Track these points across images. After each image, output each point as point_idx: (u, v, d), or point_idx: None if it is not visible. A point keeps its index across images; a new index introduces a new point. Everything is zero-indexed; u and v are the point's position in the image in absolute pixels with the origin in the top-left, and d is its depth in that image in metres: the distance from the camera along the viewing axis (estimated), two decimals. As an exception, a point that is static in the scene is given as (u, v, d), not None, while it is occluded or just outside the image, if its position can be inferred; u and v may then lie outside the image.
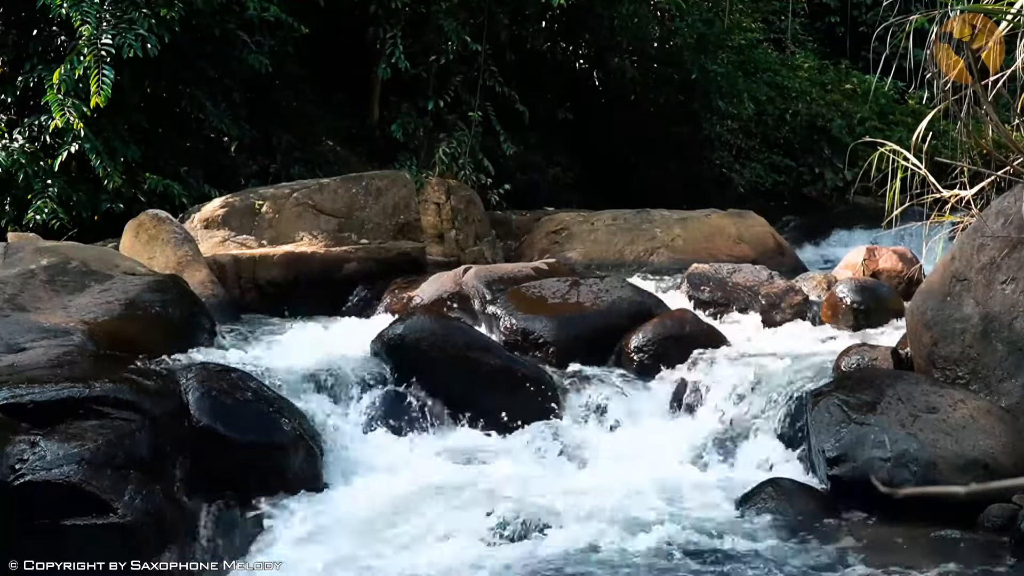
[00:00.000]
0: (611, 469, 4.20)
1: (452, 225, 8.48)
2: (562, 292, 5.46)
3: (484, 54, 9.85)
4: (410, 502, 3.75)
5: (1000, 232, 4.15)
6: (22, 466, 3.18)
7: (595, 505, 3.74)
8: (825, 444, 3.88)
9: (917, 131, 4.84)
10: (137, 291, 4.78)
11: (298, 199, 6.99)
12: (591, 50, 12.04)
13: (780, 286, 5.90)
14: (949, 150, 5.11)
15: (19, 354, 3.93)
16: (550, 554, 3.41)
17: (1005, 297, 4.08)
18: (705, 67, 11.74)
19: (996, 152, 4.65)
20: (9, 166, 7.29)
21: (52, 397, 3.43)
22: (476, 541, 3.51)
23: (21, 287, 4.60)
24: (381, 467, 4.07)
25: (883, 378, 4.19)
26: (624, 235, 8.86)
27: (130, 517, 3.22)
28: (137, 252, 6.00)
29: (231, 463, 3.67)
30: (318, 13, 8.82)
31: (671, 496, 3.89)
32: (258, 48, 8.36)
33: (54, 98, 7.09)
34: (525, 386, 4.67)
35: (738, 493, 3.90)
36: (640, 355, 5.01)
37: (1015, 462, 3.70)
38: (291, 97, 9.39)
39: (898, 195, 5.04)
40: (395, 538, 3.54)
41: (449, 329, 4.77)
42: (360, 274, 6.49)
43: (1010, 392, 3.99)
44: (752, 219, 9.19)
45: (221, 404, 3.72)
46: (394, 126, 9.43)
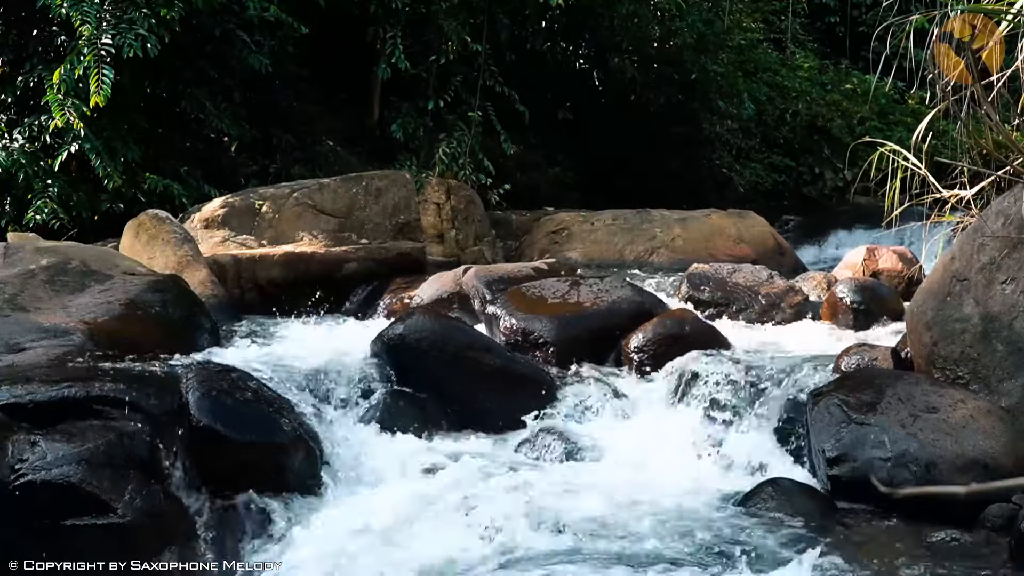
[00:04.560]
0: (611, 469, 4.20)
1: (452, 225, 8.48)
2: (562, 292, 5.46)
3: (484, 54, 9.86)
4: (410, 502, 3.75)
5: (1000, 232, 4.14)
6: (22, 466, 3.18)
7: (595, 505, 3.74)
8: (825, 444, 3.88)
9: (917, 131, 4.84)
10: (137, 291, 4.78)
11: (298, 199, 6.99)
12: (591, 50, 12.05)
13: (780, 286, 5.90)
14: (949, 150, 5.11)
15: (19, 354, 3.93)
16: (549, 554, 3.41)
17: (1005, 297, 4.08)
18: (705, 67, 11.75)
19: (996, 152, 4.65)
20: (9, 166, 7.29)
21: (52, 397, 3.42)
22: (476, 541, 3.50)
23: (21, 287, 4.60)
24: (381, 467, 4.07)
25: (883, 378, 4.19)
26: (624, 235, 8.87)
27: (130, 517, 3.21)
28: (137, 252, 6.00)
29: (231, 463, 3.66)
30: (318, 13, 8.83)
31: (671, 496, 3.88)
32: (258, 48, 8.37)
33: (54, 98, 7.09)
34: (525, 386, 4.67)
35: (738, 493, 3.90)
36: (640, 355, 5.01)
37: (1015, 462, 3.70)
38: (291, 97, 9.40)
39: (898, 195, 5.04)
40: (395, 538, 3.54)
41: (449, 329, 4.77)
42: (360, 274, 6.49)
43: (1010, 392, 3.99)
44: (752, 219, 9.20)
45: (221, 404, 3.71)
46: (394, 126, 9.43)
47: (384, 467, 4.07)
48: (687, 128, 12.07)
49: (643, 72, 11.84)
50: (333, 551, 3.46)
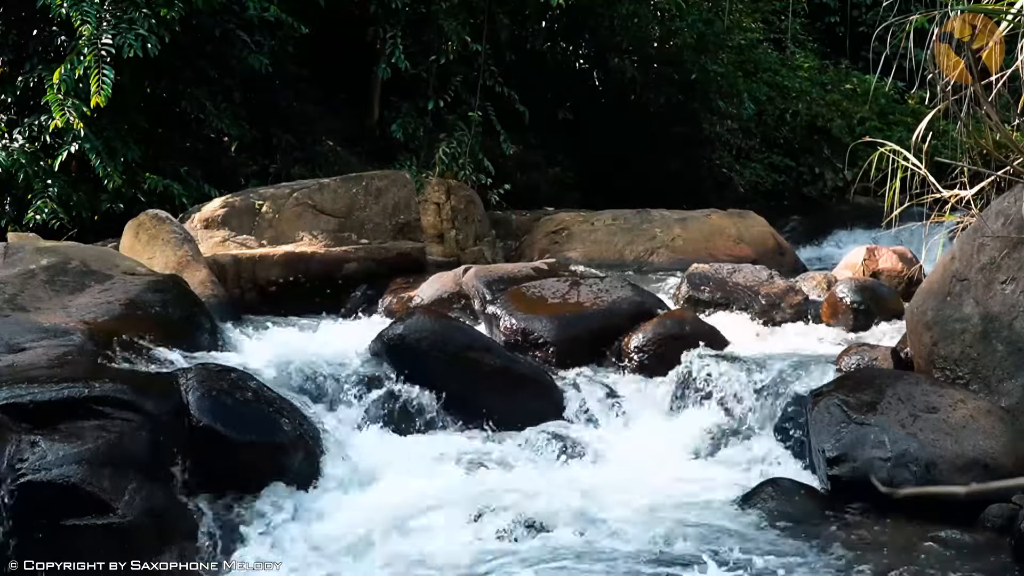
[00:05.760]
0: (611, 469, 4.20)
1: (452, 225, 8.48)
2: (562, 292, 5.46)
3: (484, 54, 9.86)
4: (410, 502, 3.75)
5: (1000, 232, 4.15)
6: (22, 466, 3.18)
7: (595, 505, 3.74)
8: (825, 444, 3.88)
9: (917, 131, 4.84)
10: (137, 291, 4.77)
11: (298, 199, 6.99)
12: (591, 50, 12.05)
13: (780, 286, 5.90)
14: (949, 150, 5.11)
15: (19, 354, 3.93)
16: (549, 554, 3.41)
17: (1005, 297, 4.08)
18: (705, 67, 11.75)
19: (996, 152, 4.65)
20: (9, 166, 7.29)
21: (52, 397, 3.42)
22: (476, 541, 3.51)
23: (21, 287, 4.60)
24: (381, 467, 4.07)
25: (883, 378, 4.19)
26: (624, 235, 8.87)
27: (130, 517, 3.22)
28: (137, 252, 6.00)
29: (231, 463, 3.66)
30: (318, 13, 8.83)
31: (671, 496, 3.89)
32: (258, 48, 8.37)
33: (54, 98, 7.09)
34: (525, 386, 4.67)
35: (738, 493, 3.90)
36: (640, 355, 5.01)
37: (1015, 462, 3.70)
38: (291, 97, 9.40)
39: (898, 195, 5.04)
40: (395, 538, 3.54)
41: (449, 329, 4.77)
42: (360, 274, 6.49)
43: (1010, 392, 3.99)
44: (752, 219, 9.20)
45: (221, 404, 3.71)
46: (394, 126, 9.43)
47: (384, 467, 4.07)
48: (687, 128, 12.07)
49: (643, 72, 11.84)
50: (333, 551, 3.46)
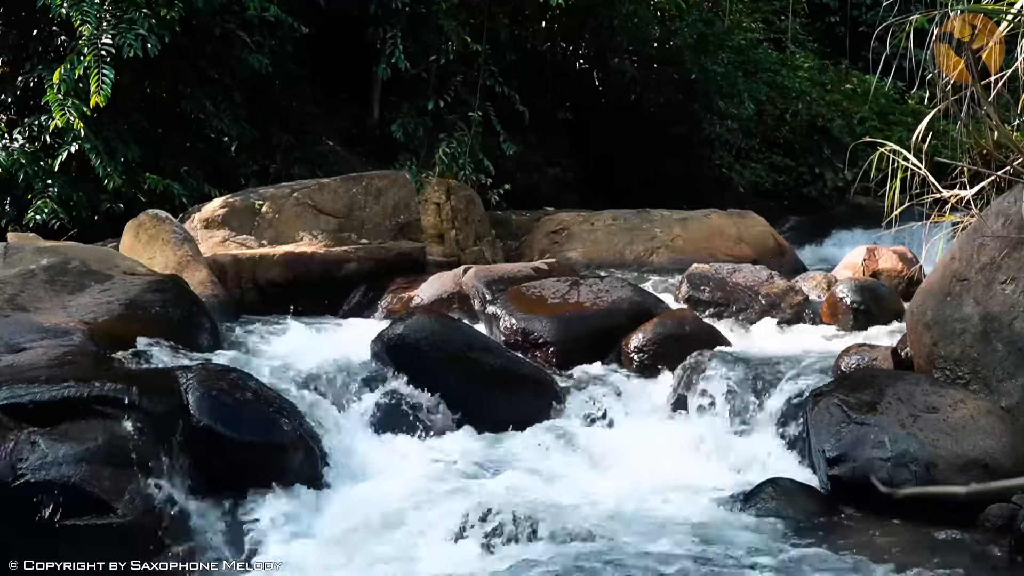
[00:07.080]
0: (611, 469, 4.20)
1: (452, 225, 8.48)
2: (562, 292, 5.46)
3: (484, 54, 9.86)
4: (410, 503, 3.75)
5: (1000, 232, 4.14)
6: (22, 466, 3.18)
7: (595, 505, 3.75)
8: (825, 444, 3.88)
9: (917, 131, 4.83)
10: (137, 291, 4.78)
11: (298, 199, 7.00)
12: (591, 50, 12.06)
13: (780, 286, 5.90)
14: (949, 150, 5.10)
15: (19, 354, 3.93)
16: (550, 555, 3.40)
17: (1005, 297, 4.08)
18: (705, 67, 11.76)
19: (996, 152, 4.65)
20: (9, 166, 7.30)
21: (52, 397, 3.42)
22: (476, 542, 3.50)
23: (21, 287, 4.60)
24: (381, 467, 4.07)
25: (883, 378, 4.19)
26: (624, 235, 8.87)
27: (130, 517, 3.22)
28: (137, 252, 6.00)
29: (231, 463, 3.66)
30: (318, 13, 8.84)
31: (671, 496, 3.89)
32: (258, 48, 8.37)
33: (54, 98, 7.10)
34: (525, 386, 4.67)
35: (738, 493, 3.89)
36: (640, 355, 5.01)
37: (1015, 462, 3.70)
38: (291, 97, 9.40)
39: (898, 195, 5.03)
40: (395, 539, 3.54)
41: (449, 329, 4.77)
42: (360, 274, 6.49)
43: (1010, 392, 3.99)
44: (752, 219, 9.21)
45: (221, 404, 3.71)
46: (394, 126, 9.44)
47: (384, 467, 4.07)
48: (687, 128, 12.08)
49: (643, 72, 11.85)
50: (333, 551, 3.46)
